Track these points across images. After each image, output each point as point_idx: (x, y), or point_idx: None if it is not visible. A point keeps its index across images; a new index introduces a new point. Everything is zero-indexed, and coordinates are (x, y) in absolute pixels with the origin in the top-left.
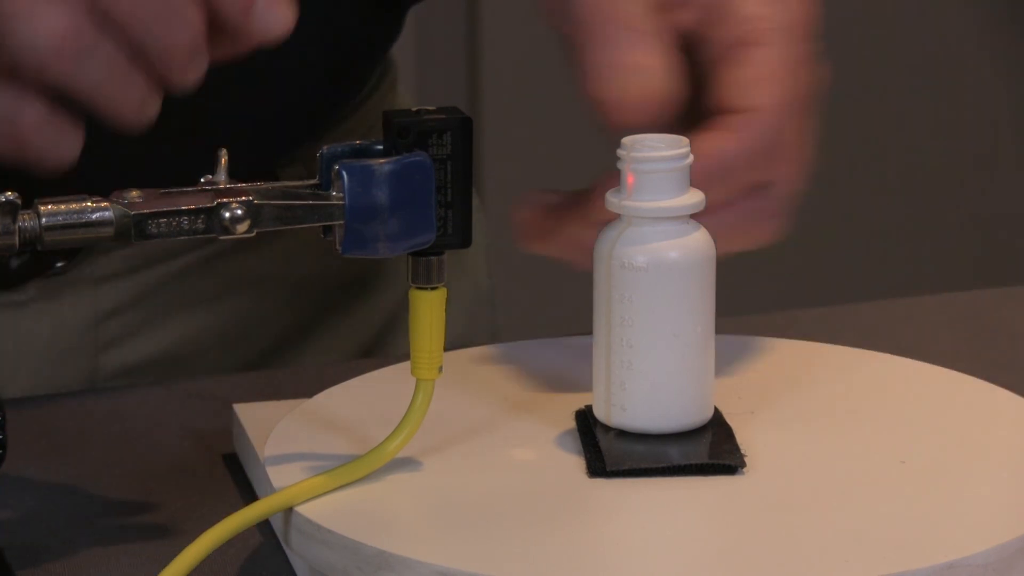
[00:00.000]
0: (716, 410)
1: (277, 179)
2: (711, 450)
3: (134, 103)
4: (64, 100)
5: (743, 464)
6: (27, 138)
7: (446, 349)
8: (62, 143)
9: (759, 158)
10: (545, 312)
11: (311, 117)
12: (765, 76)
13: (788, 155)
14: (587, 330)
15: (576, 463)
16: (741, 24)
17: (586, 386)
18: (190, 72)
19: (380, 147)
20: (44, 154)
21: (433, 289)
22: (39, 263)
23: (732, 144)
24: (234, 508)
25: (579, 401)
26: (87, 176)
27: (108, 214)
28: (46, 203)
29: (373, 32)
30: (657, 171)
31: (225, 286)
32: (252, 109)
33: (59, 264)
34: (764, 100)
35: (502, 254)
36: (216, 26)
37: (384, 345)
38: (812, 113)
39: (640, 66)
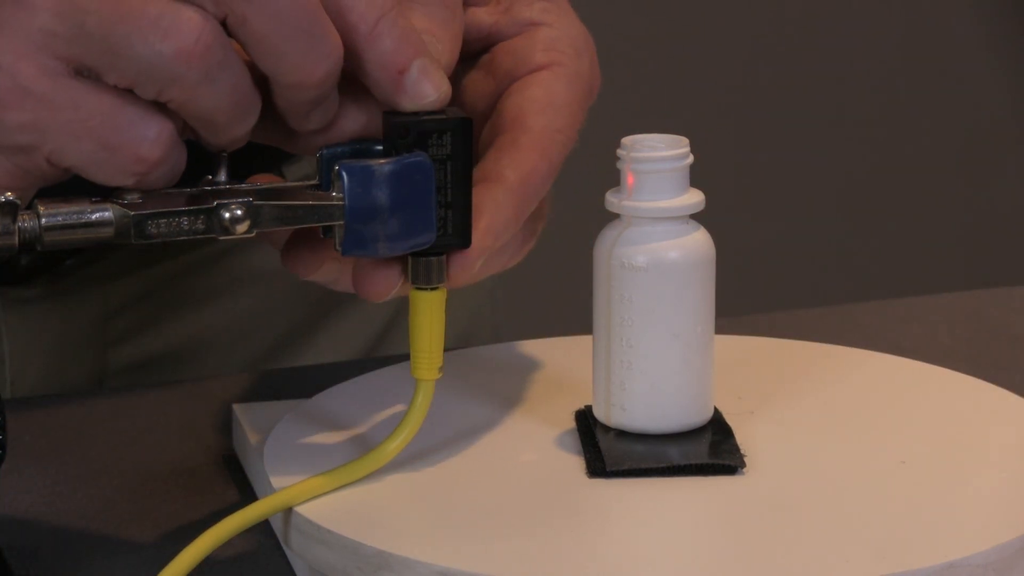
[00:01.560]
0: (716, 410)
1: (283, 177)
2: (711, 450)
3: (244, 131)
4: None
5: (743, 464)
6: (151, 160)
7: (447, 348)
8: (178, 166)
9: (553, 176)
10: (545, 312)
11: None
12: (554, 103)
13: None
14: (587, 330)
15: (576, 463)
16: (545, 50)
17: (586, 386)
18: (313, 117)
19: (380, 147)
20: (162, 180)
21: (433, 290)
22: (48, 260)
23: (537, 164)
24: (234, 508)
25: (579, 401)
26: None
27: (108, 214)
28: (45, 203)
29: None
30: (657, 171)
31: (232, 283)
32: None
33: (68, 261)
34: (559, 122)
35: None
36: (357, 89)
37: (385, 345)
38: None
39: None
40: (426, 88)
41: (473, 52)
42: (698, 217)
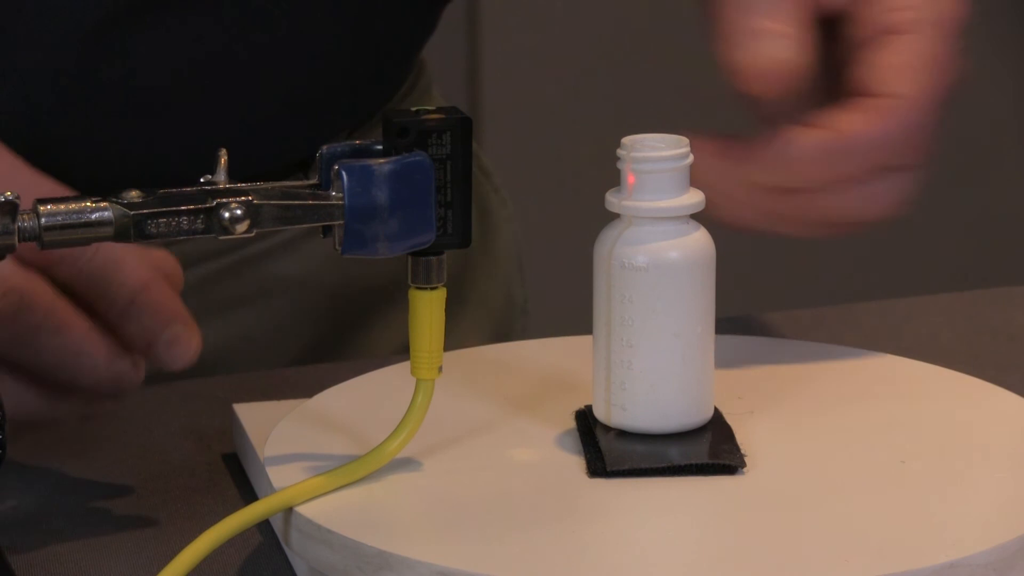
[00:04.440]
0: (716, 410)
1: (308, 178)
2: (711, 450)
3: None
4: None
5: (743, 464)
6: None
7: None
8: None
9: (894, 144)
10: (545, 312)
11: (345, 116)
12: (910, 65)
13: (919, 144)
14: (587, 330)
15: (576, 463)
16: (891, 10)
17: (586, 386)
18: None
19: (379, 147)
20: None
21: (433, 289)
22: None
23: (870, 127)
24: (234, 508)
25: (579, 401)
26: (139, 159)
27: (107, 214)
28: (45, 203)
29: (406, 30)
30: (657, 171)
31: (259, 291)
32: (286, 107)
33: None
34: (907, 89)
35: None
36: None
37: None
38: (943, 107)
39: (773, 33)
40: (174, 355)
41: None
42: (698, 217)
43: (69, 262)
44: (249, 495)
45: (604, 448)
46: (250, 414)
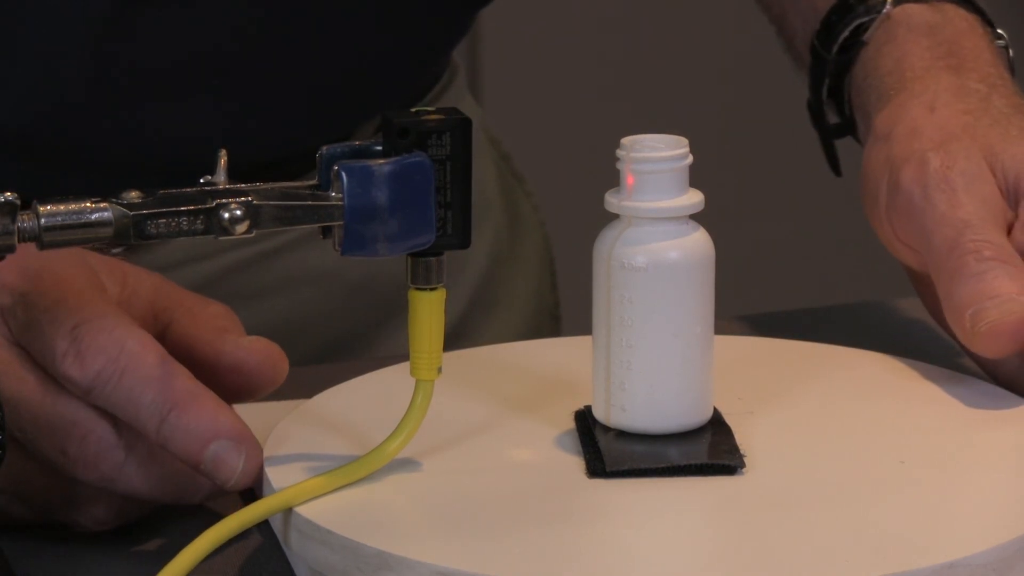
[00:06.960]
0: (716, 410)
1: None
2: (711, 450)
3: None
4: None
5: (743, 464)
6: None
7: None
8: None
9: None
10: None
11: (370, 111)
12: None
13: None
14: (587, 330)
15: (576, 463)
16: None
17: (586, 386)
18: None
19: (379, 148)
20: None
21: (432, 290)
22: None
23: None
24: (234, 508)
25: (579, 401)
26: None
27: (107, 214)
28: (45, 203)
29: (436, 29)
30: (657, 171)
31: (284, 282)
32: (306, 97)
33: (114, 251)
34: None
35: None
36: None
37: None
38: None
39: (999, 295)
40: (223, 471)
41: None
42: (698, 217)
43: (97, 391)
44: (249, 495)
45: (604, 448)
46: (250, 414)
